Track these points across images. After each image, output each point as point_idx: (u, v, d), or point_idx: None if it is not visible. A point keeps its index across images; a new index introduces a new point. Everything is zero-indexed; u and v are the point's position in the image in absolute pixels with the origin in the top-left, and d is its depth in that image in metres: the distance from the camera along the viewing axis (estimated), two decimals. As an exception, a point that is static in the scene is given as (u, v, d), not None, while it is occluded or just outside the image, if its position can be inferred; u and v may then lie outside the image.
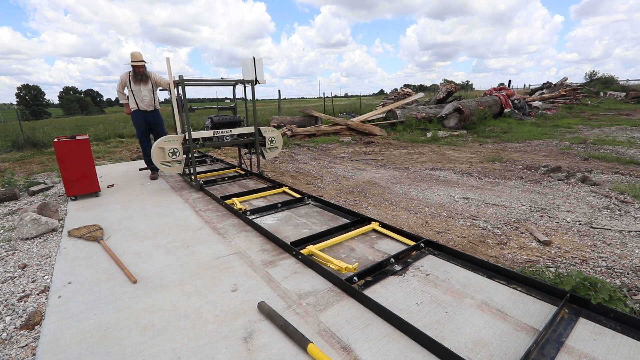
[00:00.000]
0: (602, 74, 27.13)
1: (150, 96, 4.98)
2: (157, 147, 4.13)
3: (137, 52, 4.81)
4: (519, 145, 7.43)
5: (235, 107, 5.30)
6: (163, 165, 4.18)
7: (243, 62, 4.65)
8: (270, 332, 1.77)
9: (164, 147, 4.14)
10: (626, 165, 5.25)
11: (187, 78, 4.13)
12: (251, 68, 4.55)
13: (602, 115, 12.18)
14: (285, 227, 3.18)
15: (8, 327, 1.94)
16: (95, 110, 52.28)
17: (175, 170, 4.29)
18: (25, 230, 3.14)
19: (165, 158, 4.15)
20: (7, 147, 9.22)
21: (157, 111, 5.18)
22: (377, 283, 2.19)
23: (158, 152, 4.14)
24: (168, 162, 4.19)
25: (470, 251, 2.68)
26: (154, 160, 4.13)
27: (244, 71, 4.67)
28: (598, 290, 1.90)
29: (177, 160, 4.24)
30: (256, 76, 4.59)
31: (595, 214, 3.38)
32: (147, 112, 5.04)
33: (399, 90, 15.69)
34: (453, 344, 1.65)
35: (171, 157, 4.16)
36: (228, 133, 4.65)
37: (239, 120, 4.88)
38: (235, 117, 4.90)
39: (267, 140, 4.98)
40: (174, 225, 3.32)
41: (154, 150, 4.12)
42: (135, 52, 4.79)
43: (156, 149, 4.13)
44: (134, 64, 4.79)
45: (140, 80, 4.86)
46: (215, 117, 4.70)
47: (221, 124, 4.71)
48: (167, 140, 4.17)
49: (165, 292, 2.17)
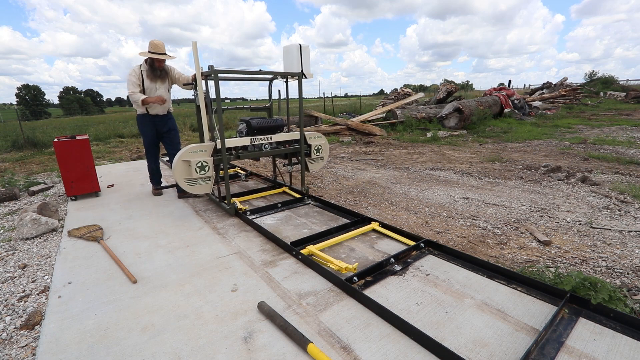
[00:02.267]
0: (602, 74, 27.16)
1: (167, 97, 4.11)
2: (181, 160, 3.14)
3: (160, 41, 3.87)
4: (519, 145, 7.43)
5: (271, 107, 4.40)
6: (188, 183, 3.21)
7: (286, 51, 3.74)
8: (270, 332, 1.77)
9: (190, 159, 3.13)
10: (626, 165, 5.25)
11: (219, 69, 3.12)
12: (296, 58, 3.65)
13: (602, 115, 12.18)
14: (285, 227, 3.18)
15: (8, 327, 1.94)
16: (95, 110, 52.30)
17: (202, 189, 3.32)
18: (25, 230, 3.14)
19: (191, 174, 3.16)
20: (7, 147, 9.22)
21: (171, 115, 4.30)
22: (377, 283, 2.19)
23: (182, 166, 3.15)
24: (195, 179, 3.22)
25: (470, 251, 2.67)
26: (176, 177, 3.17)
27: (287, 62, 3.78)
28: (598, 290, 1.90)
29: (206, 177, 3.26)
30: (302, 68, 3.69)
31: (595, 214, 3.37)
32: (158, 117, 4.11)
33: (399, 90, 15.69)
34: (453, 344, 1.65)
35: (199, 172, 3.17)
36: (268, 140, 3.65)
37: (282, 124, 3.85)
38: (277, 119, 3.85)
39: (312, 149, 3.98)
40: (174, 225, 3.32)
41: (176, 165, 3.13)
42: (156, 41, 3.84)
43: (179, 163, 3.14)
44: (154, 56, 3.81)
45: (158, 76, 3.95)
46: (253, 120, 3.65)
47: (261, 129, 3.67)
48: (194, 151, 3.18)
49: (165, 292, 2.17)
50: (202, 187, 3.31)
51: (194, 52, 3.07)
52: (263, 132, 3.69)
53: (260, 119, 3.75)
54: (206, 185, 3.32)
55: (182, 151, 3.18)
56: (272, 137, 3.69)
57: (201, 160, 3.17)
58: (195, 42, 3.09)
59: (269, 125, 3.73)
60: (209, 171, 3.25)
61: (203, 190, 3.33)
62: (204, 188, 3.33)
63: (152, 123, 4.12)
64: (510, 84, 18.80)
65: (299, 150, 3.90)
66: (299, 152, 3.93)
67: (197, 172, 3.16)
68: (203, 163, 3.19)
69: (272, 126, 3.75)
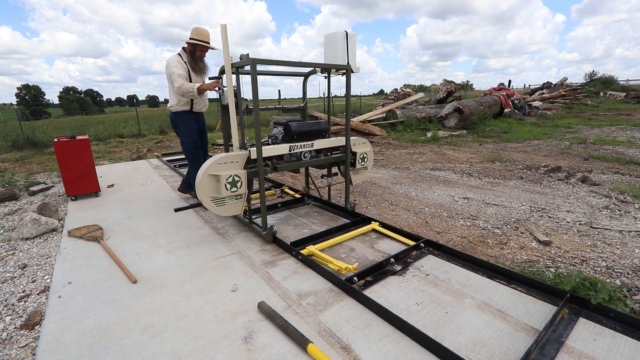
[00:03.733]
0: (602, 74, 27.18)
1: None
2: (207, 175, 2.54)
3: (205, 29, 3.41)
4: (519, 145, 7.43)
5: (305, 107, 3.79)
6: (215, 204, 2.59)
7: (328, 41, 3.11)
8: (270, 332, 1.77)
9: (219, 173, 2.53)
10: (626, 165, 5.25)
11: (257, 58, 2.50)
12: (342, 49, 3.02)
13: (602, 115, 12.19)
14: (285, 227, 3.18)
15: (8, 327, 1.94)
16: (95, 110, 52.31)
17: (232, 210, 2.68)
18: (25, 230, 3.14)
19: (220, 192, 2.54)
20: (7, 147, 9.22)
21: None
22: (377, 283, 2.19)
23: (208, 182, 2.55)
24: (224, 198, 2.61)
25: (470, 251, 2.67)
26: (202, 195, 2.57)
27: (329, 53, 3.12)
28: (598, 290, 1.90)
29: (238, 194, 2.65)
30: (348, 61, 3.06)
31: (595, 214, 3.37)
32: (200, 115, 3.77)
33: (399, 90, 15.69)
34: (453, 344, 1.65)
35: (229, 190, 2.57)
36: (309, 148, 3.05)
37: (325, 128, 3.24)
38: (320, 122, 3.24)
39: (357, 157, 3.36)
40: (174, 225, 3.32)
41: (202, 180, 2.53)
42: (201, 28, 3.38)
43: (205, 178, 2.53)
44: (198, 42, 3.33)
45: (202, 69, 3.53)
46: (293, 123, 3.01)
47: (302, 134, 3.04)
48: (224, 163, 2.57)
49: (165, 292, 2.17)
50: (231, 207, 2.67)
51: (223, 38, 2.48)
52: (304, 137, 3.08)
53: (300, 121, 3.11)
54: (237, 204, 2.70)
55: (208, 163, 2.54)
56: (314, 144, 3.09)
57: (232, 175, 2.56)
58: (224, 24, 2.47)
59: (311, 129, 3.11)
60: (242, 187, 2.64)
61: (232, 211, 2.70)
62: (234, 208, 2.69)
63: (196, 121, 3.67)
64: (510, 84, 18.81)
65: (343, 159, 3.31)
66: (342, 161, 3.34)
67: (227, 189, 2.56)
68: (235, 177, 2.58)
69: (314, 130, 3.14)
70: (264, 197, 2.83)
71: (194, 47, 3.38)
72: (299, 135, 3.03)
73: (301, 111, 3.81)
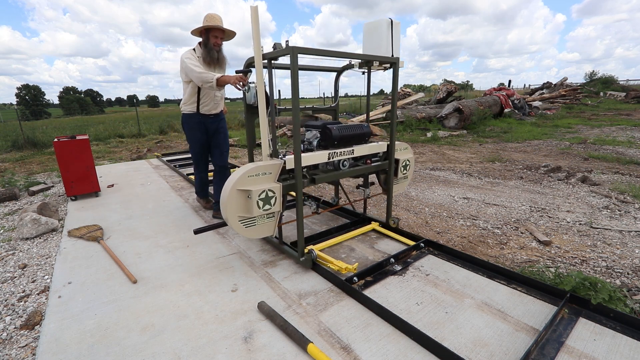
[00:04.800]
0: (602, 74, 27.19)
1: (222, 91, 3.26)
2: (236, 190, 2.08)
3: (217, 14, 3.01)
4: (519, 145, 7.43)
5: (337, 107, 3.34)
6: (243, 224, 2.15)
7: (369, 30, 2.66)
8: (270, 332, 1.77)
9: (250, 188, 2.09)
10: (626, 165, 5.25)
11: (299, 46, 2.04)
12: (385, 39, 2.58)
13: (602, 115, 12.19)
14: (285, 227, 3.18)
15: (8, 327, 1.94)
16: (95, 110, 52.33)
17: (263, 231, 2.26)
18: (25, 230, 3.14)
19: (251, 211, 2.10)
20: (7, 147, 9.22)
21: (223, 115, 3.47)
22: (377, 283, 2.19)
23: (236, 199, 2.10)
24: (254, 217, 2.16)
25: (470, 251, 2.67)
26: (228, 214, 2.10)
27: (370, 44, 2.66)
28: (598, 290, 1.90)
29: (270, 213, 2.22)
30: (393, 53, 2.64)
31: (595, 214, 3.37)
32: (210, 118, 3.27)
33: (399, 90, 15.71)
34: (453, 344, 1.65)
35: (262, 208, 2.13)
36: (349, 155, 2.63)
37: (368, 132, 2.79)
38: (362, 125, 2.77)
39: (399, 165, 2.95)
40: (174, 225, 3.32)
41: (229, 197, 2.07)
42: (213, 13, 3.00)
43: (233, 194, 2.07)
44: (211, 26, 2.92)
45: (216, 61, 3.05)
46: (334, 126, 2.56)
47: (344, 139, 2.60)
48: (255, 175, 2.13)
49: (165, 292, 2.17)
50: (262, 227, 2.24)
51: (254, 23, 2.04)
52: (345, 143, 2.64)
53: (338, 124, 2.67)
54: (269, 224, 2.26)
55: (236, 176, 2.09)
56: (354, 150, 2.66)
57: (265, 189, 2.11)
58: (255, 6, 2.05)
59: (353, 133, 2.66)
60: (276, 204, 2.20)
61: (263, 233, 2.26)
62: (266, 229, 2.26)
63: (202, 125, 3.27)
64: (510, 84, 18.81)
65: (385, 167, 2.90)
66: (384, 170, 2.95)
67: (259, 207, 2.11)
68: (268, 193, 2.13)
69: (357, 135, 2.70)
70: (301, 216, 2.34)
71: (206, 35, 2.98)
72: (340, 140, 2.57)
73: (332, 112, 3.36)
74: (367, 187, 3.15)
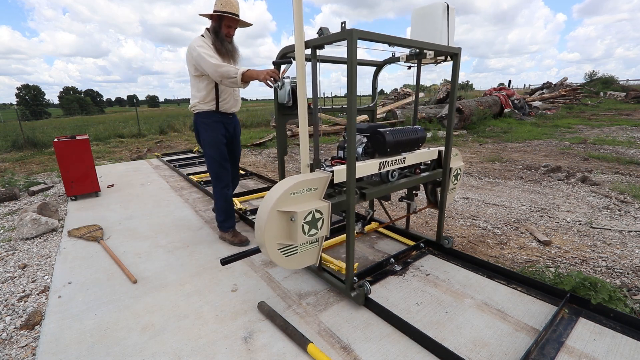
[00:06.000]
0: (602, 74, 27.21)
1: None
2: (276, 212, 1.67)
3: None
4: (519, 145, 7.43)
5: (375, 108, 2.95)
6: (283, 253, 1.74)
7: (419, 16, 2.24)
8: (270, 332, 1.77)
9: (295, 210, 1.67)
10: (626, 165, 5.25)
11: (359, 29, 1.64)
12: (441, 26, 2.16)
13: (602, 115, 12.19)
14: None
15: (8, 327, 1.94)
16: (95, 110, 52.35)
17: (305, 260, 1.86)
18: (25, 230, 3.14)
19: (295, 237, 1.70)
20: (7, 147, 9.22)
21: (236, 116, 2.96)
22: (377, 283, 2.19)
23: (278, 222, 1.69)
24: (299, 246, 1.78)
25: (470, 251, 2.67)
26: (265, 241, 1.67)
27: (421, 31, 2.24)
28: (598, 290, 1.90)
29: (315, 238, 1.79)
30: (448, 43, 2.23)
31: (595, 214, 3.37)
32: (229, 117, 2.79)
33: (399, 90, 15.69)
34: (453, 344, 1.65)
35: (308, 233, 1.73)
36: (400, 164, 2.25)
37: (422, 137, 2.38)
38: (417, 128, 2.36)
39: (451, 174, 2.56)
40: (174, 225, 3.32)
41: (268, 221, 1.65)
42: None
43: (272, 216, 1.66)
44: (225, 14, 2.48)
45: (229, 53, 2.59)
46: (387, 131, 2.13)
47: (398, 145, 2.20)
48: (298, 192, 1.72)
49: (165, 292, 2.17)
50: (305, 256, 1.84)
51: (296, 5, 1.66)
52: (398, 150, 2.24)
53: (392, 129, 2.21)
54: (312, 251, 1.87)
55: (276, 194, 1.66)
56: (406, 158, 2.28)
57: (312, 210, 1.70)
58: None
59: (408, 138, 2.26)
60: (323, 228, 1.79)
61: (305, 262, 1.86)
62: (308, 257, 1.86)
63: (222, 125, 2.72)
64: (510, 83, 18.81)
65: (436, 178, 2.50)
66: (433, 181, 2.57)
67: (305, 232, 1.70)
68: (315, 214, 1.72)
69: (410, 140, 2.28)
70: (352, 240, 1.90)
71: (218, 23, 2.52)
72: (394, 147, 2.17)
73: (370, 112, 2.99)
74: (412, 199, 2.76)
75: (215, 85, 2.61)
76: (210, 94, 2.61)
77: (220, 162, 2.72)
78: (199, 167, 6.00)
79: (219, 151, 2.70)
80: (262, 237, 1.68)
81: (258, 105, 9.58)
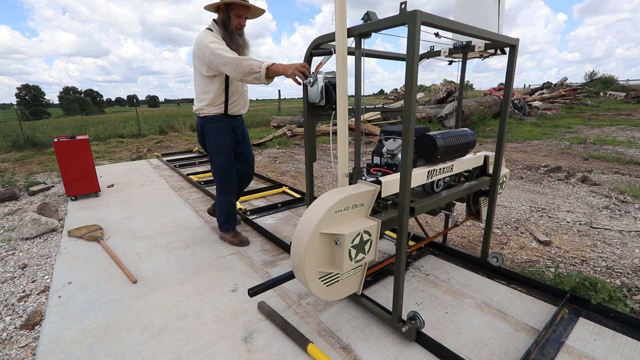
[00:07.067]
0: (603, 74, 27.23)
1: (245, 87, 2.61)
2: (318, 234, 1.41)
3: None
4: (519, 145, 7.43)
5: None
6: (323, 282, 1.52)
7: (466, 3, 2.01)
8: (270, 332, 1.77)
9: (342, 232, 1.40)
10: (626, 165, 5.25)
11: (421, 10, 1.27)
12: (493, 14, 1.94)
13: (602, 115, 12.19)
14: (285, 227, 3.18)
15: (8, 327, 1.94)
16: (95, 110, 52.36)
17: (346, 289, 1.66)
18: (25, 230, 3.14)
19: (340, 264, 1.45)
20: (7, 147, 9.22)
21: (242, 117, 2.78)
22: (377, 283, 2.19)
23: (320, 247, 1.44)
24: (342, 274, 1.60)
25: (470, 251, 2.67)
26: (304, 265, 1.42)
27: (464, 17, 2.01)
28: (598, 290, 1.90)
29: (360, 263, 1.54)
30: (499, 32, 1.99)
31: (595, 214, 3.37)
32: (237, 120, 2.64)
33: (399, 90, 15.70)
34: (453, 344, 1.65)
35: (354, 259, 1.47)
36: (449, 172, 2.00)
37: (473, 141, 2.10)
38: (466, 131, 2.09)
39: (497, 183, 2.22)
40: (174, 225, 3.32)
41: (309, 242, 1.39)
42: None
43: (314, 240, 1.40)
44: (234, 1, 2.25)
45: (241, 47, 2.37)
46: (437, 136, 1.86)
47: (448, 152, 1.93)
48: (343, 209, 1.47)
49: (165, 292, 2.17)
50: (346, 284, 1.64)
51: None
52: (449, 156, 1.97)
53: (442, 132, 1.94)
54: (354, 278, 1.67)
55: (319, 212, 1.42)
56: (453, 166, 2.02)
57: (360, 231, 1.45)
58: None
59: (459, 143, 1.99)
60: (370, 252, 1.55)
61: (347, 291, 1.67)
62: (350, 285, 1.67)
63: (232, 129, 2.59)
64: (510, 84, 18.78)
65: (483, 187, 2.22)
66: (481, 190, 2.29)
67: (351, 258, 1.46)
68: (364, 236, 1.48)
69: (461, 145, 2.02)
70: (403, 266, 1.61)
71: (227, 13, 2.28)
72: (444, 153, 1.90)
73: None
74: (452, 210, 2.44)
75: (225, 86, 2.40)
76: (220, 96, 2.41)
77: (227, 169, 2.61)
78: (199, 167, 6.01)
79: (226, 158, 2.57)
80: (302, 265, 1.43)
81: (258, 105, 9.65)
